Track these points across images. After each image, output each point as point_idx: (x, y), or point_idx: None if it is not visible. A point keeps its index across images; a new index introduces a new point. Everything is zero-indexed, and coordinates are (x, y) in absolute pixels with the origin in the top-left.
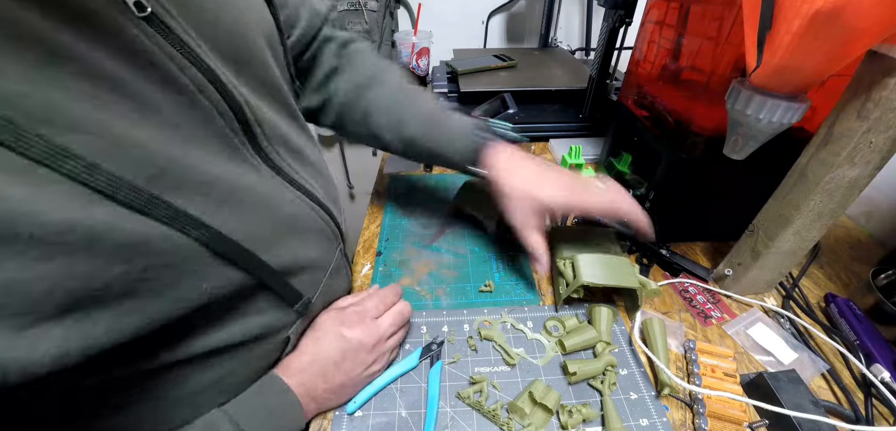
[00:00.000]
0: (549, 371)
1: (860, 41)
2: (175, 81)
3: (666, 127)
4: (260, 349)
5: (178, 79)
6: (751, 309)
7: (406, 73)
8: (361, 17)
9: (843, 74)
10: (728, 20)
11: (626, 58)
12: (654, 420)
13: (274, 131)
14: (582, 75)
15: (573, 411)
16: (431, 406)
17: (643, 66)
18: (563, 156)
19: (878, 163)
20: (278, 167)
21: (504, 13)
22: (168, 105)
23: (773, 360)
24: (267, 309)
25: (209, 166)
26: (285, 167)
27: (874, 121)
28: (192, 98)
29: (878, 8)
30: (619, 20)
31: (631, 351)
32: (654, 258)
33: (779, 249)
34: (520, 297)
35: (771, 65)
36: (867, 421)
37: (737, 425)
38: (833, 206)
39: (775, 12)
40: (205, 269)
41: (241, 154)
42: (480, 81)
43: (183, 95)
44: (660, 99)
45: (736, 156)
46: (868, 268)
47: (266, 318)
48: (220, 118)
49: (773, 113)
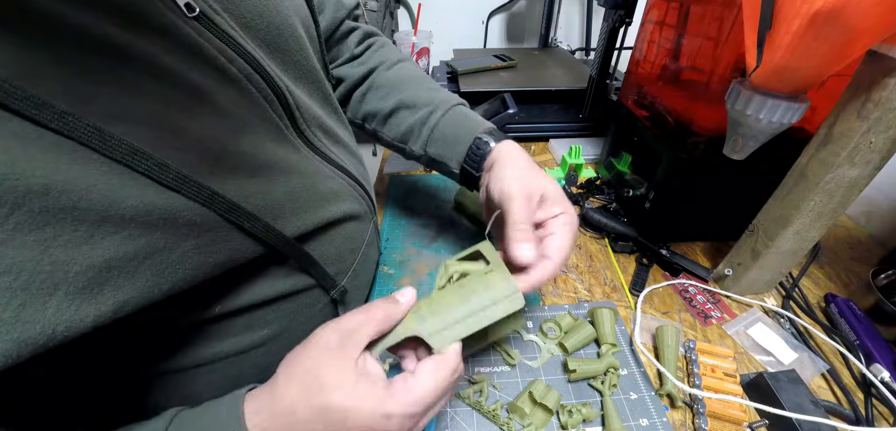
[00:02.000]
0: (548, 370)
1: (860, 41)
2: (225, 72)
3: (666, 127)
4: (303, 310)
5: (227, 70)
6: (751, 309)
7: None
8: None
9: (843, 74)
10: (728, 20)
11: (626, 58)
12: (654, 420)
13: (311, 114)
14: (582, 75)
15: (573, 411)
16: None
17: (643, 66)
18: (563, 156)
19: (878, 163)
20: (317, 148)
21: (504, 13)
22: (220, 95)
23: (773, 360)
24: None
25: (258, 150)
26: (322, 147)
27: (874, 121)
28: (240, 87)
29: (878, 8)
30: (619, 20)
31: (631, 352)
32: (654, 258)
33: (779, 249)
34: None
35: (771, 65)
36: (867, 421)
37: (737, 425)
38: (833, 206)
39: (775, 12)
40: (229, 235)
41: (286, 137)
42: (480, 81)
43: (233, 85)
44: (660, 99)
45: (736, 156)
46: (868, 268)
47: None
48: (267, 105)
49: (773, 113)
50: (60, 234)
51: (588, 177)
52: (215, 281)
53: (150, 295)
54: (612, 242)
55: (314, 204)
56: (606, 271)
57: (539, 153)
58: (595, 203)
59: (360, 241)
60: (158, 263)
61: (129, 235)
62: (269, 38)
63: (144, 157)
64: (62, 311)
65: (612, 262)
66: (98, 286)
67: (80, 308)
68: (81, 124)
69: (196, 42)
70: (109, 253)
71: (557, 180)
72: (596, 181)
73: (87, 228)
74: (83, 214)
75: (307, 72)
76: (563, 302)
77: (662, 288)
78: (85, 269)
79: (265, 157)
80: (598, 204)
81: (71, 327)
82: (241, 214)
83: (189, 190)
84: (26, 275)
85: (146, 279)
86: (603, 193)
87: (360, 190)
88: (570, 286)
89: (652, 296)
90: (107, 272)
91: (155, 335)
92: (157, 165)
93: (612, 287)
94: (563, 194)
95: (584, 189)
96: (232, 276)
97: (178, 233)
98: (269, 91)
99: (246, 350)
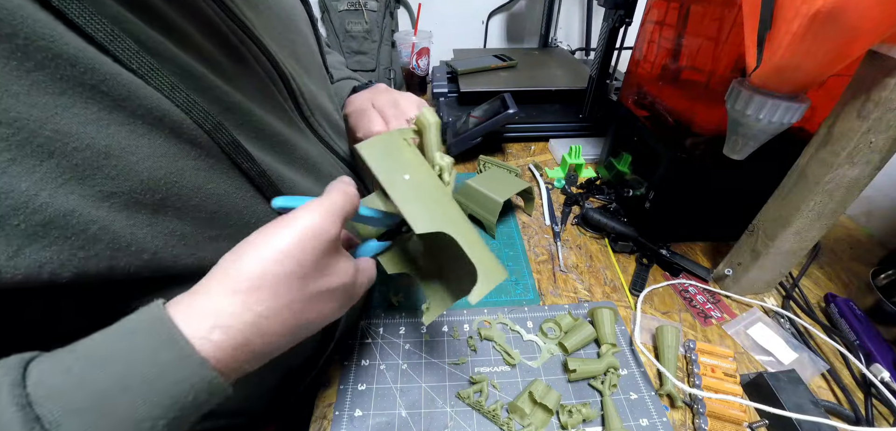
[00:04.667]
0: (548, 370)
1: (860, 41)
2: (236, 50)
3: (666, 127)
4: None
5: (238, 48)
6: (751, 309)
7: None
8: (361, 17)
9: (843, 74)
10: (728, 20)
11: (626, 58)
12: (654, 420)
13: (315, 102)
14: (582, 75)
15: (573, 411)
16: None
17: (643, 66)
18: (563, 156)
19: (878, 163)
20: (320, 134)
21: (504, 13)
22: (234, 71)
23: (773, 360)
24: None
25: (269, 127)
26: (325, 135)
27: (874, 121)
28: (250, 66)
29: (878, 8)
30: (619, 20)
31: (631, 352)
32: (654, 258)
33: (779, 249)
34: (520, 297)
35: (771, 65)
36: (867, 421)
37: (736, 425)
38: (833, 206)
39: (775, 12)
40: (228, 171)
41: (292, 119)
42: (480, 81)
43: (243, 62)
44: (660, 99)
45: (736, 156)
46: (868, 268)
47: None
48: (273, 86)
49: (773, 113)
50: (73, 106)
51: (588, 177)
52: (213, 247)
53: (139, 200)
54: (612, 242)
55: (316, 185)
56: (606, 271)
57: (539, 153)
58: (595, 203)
59: None
60: (154, 167)
61: (134, 129)
62: (278, 27)
63: (160, 74)
64: (46, 182)
65: (612, 262)
66: (91, 170)
67: (66, 185)
68: (104, 26)
69: (213, 20)
70: (112, 141)
71: (557, 180)
72: (596, 181)
73: (98, 110)
74: (101, 97)
75: (311, 62)
76: (563, 302)
77: (662, 288)
78: (83, 148)
79: (276, 134)
80: (598, 204)
81: (52, 200)
82: (240, 153)
83: (197, 113)
84: (25, 133)
85: (140, 180)
86: (603, 193)
87: (357, 180)
88: (570, 286)
89: (652, 296)
90: (104, 158)
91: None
92: (169, 83)
93: (612, 287)
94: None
95: (584, 189)
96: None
97: (180, 146)
98: (275, 74)
99: None
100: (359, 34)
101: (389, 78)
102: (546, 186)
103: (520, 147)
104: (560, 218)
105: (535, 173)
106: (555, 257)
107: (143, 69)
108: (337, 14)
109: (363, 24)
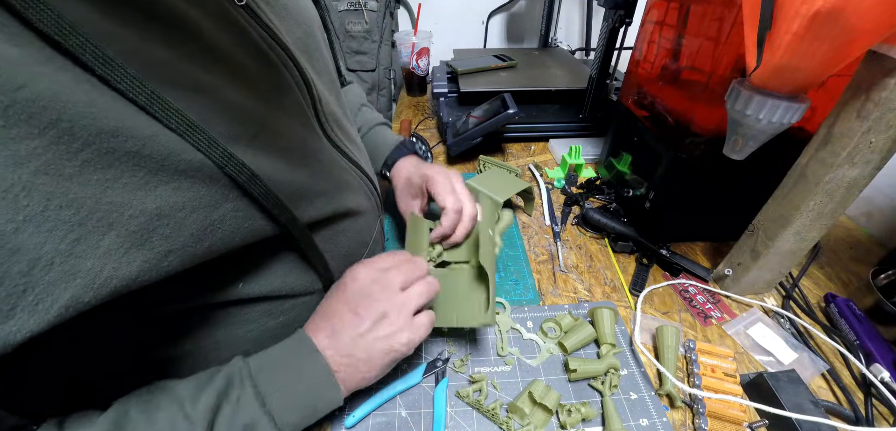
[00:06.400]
0: (548, 370)
1: (860, 41)
2: (267, 56)
3: (666, 127)
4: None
5: (268, 54)
6: (751, 309)
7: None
8: (361, 17)
9: (843, 74)
10: (728, 20)
11: (626, 58)
12: (654, 420)
13: (329, 109)
14: (582, 75)
15: (573, 410)
16: (438, 426)
17: (643, 66)
18: (563, 156)
19: (878, 163)
20: (333, 141)
21: (504, 13)
22: (262, 76)
23: (773, 360)
24: (297, 270)
25: (290, 133)
26: (338, 140)
27: (874, 121)
28: (279, 71)
29: (878, 8)
30: (619, 20)
31: (631, 352)
32: (654, 258)
33: (779, 249)
34: (520, 297)
35: (771, 65)
36: (867, 421)
37: (736, 425)
38: (833, 206)
39: (775, 12)
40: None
41: (311, 124)
42: (480, 81)
43: (272, 67)
44: (660, 99)
45: (736, 156)
46: (868, 268)
47: (304, 277)
48: (298, 91)
49: (773, 113)
50: (121, 176)
51: (588, 177)
52: (240, 259)
53: (192, 252)
54: (612, 242)
55: (329, 191)
56: (606, 271)
57: (539, 153)
58: (595, 203)
59: (368, 236)
60: (202, 219)
61: (179, 186)
62: (298, 33)
63: (198, 131)
64: (112, 253)
65: (612, 262)
66: (148, 232)
67: (129, 252)
68: (145, 90)
69: (244, 26)
70: (161, 202)
71: (557, 180)
72: (596, 181)
73: (144, 175)
74: (144, 161)
75: (326, 70)
76: (563, 302)
77: (662, 288)
78: (138, 214)
79: (295, 140)
80: (598, 204)
81: (117, 272)
82: (270, 200)
83: (232, 168)
84: (86, 211)
85: (191, 232)
86: (603, 193)
87: (369, 185)
88: (570, 286)
89: (652, 296)
90: (157, 219)
91: (185, 312)
92: (206, 140)
93: (612, 287)
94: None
95: (584, 189)
96: (255, 255)
97: (221, 193)
98: (300, 80)
99: (261, 337)
100: (359, 34)
101: (389, 78)
102: (546, 186)
103: (520, 147)
104: (560, 218)
105: (535, 173)
106: (555, 257)
107: (181, 128)
108: (337, 14)
109: (363, 24)
